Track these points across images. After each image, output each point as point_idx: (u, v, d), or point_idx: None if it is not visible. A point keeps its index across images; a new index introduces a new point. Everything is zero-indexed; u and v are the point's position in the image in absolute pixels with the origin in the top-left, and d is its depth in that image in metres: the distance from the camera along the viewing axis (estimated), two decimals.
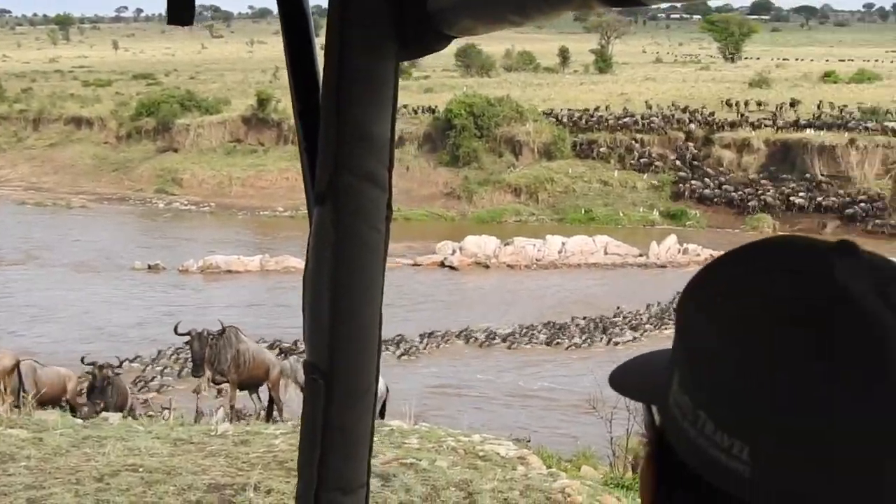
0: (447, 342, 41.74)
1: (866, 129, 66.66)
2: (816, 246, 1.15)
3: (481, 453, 13.99)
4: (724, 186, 67.38)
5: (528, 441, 20.38)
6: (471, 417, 25.49)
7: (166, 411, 22.87)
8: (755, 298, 1.11)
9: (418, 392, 29.56)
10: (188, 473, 11.81)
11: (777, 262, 1.15)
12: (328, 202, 1.84)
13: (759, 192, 66.06)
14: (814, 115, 70.97)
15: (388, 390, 22.47)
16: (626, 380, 1.27)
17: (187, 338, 24.74)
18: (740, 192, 66.57)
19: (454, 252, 56.41)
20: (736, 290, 1.14)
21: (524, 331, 42.82)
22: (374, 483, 12.43)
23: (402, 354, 39.22)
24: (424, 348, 40.63)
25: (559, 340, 41.78)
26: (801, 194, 64.84)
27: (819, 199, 64.34)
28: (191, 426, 16.83)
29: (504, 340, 41.97)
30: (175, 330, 25.05)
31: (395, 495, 11.66)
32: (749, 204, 65.52)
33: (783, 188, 65.68)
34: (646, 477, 1.22)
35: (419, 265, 55.48)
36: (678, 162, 69.93)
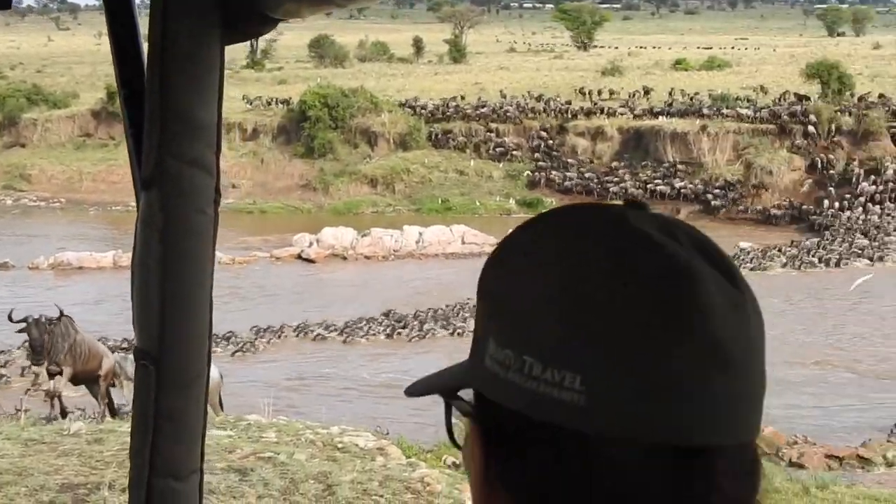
0: (281, 337, 41.47)
1: (719, 114, 67.99)
2: (609, 204, 1.25)
3: (340, 445, 14.00)
4: (580, 174, 68.19)
5: (387, 433, 20.42)
6: (324, 410, 25.42)
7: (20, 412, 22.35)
8: (565, 248, 1.21)
9: (266, 387, 29.42)
10: (40, 474, 11.61)
11: (578, 218, 1.26)
12: (154, 187, 1.82)
13: (613, 179, 67.00)
14: (666, 103, 72.15)
15: (221, 377, 22.25)
16: (421, 384, 1.34)
17: (23, 325, 23.79)
18: (595, 180, 67.47)
19: (311, 244, 56.22)
20: (543, 246, 1.23)
21: (364, 323, 42.61)
22: (232, 478, 12.40)
23: (237, 351, 38.84)
24: (259, 343, 40.34)
25: (400, 332, 41.85)
26: (656, 181, 65.94)
27: (673, 185, 65.49)
28: (43, 426, 16.53)
29: (341, 333, 41.79)
30: (9, 317, 23.90)
31: (252, 489, 11.60)
32: (605, 191, 66.41)
33: (639, 174, 66.74)
34: (472, 453, 1.25)
35: (277, 258, 55.20)
36: (533, 151, 70.58)
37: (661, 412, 1.13)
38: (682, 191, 65.09)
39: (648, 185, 65.61)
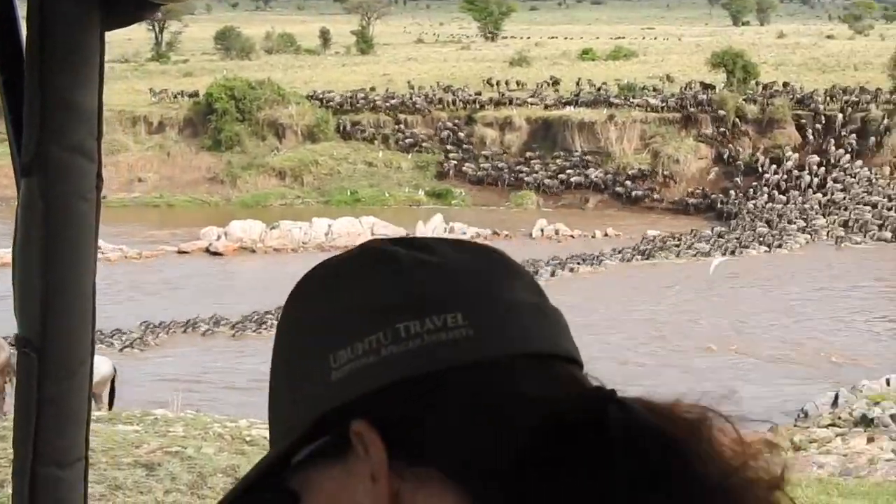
0: (169, 333, 41.10)
1: (626, 104, 68.55)
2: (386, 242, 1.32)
3: (248, 438, 13.95)
4: (489, 164, 68.41)
5: None
6: (226, 405, 25.26)
7: None
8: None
9: (161, 382, 29.18)
10: None
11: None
12: (35, 174, 1.81)
13: (523, 169, 67.30)
14: (573, 93, 72.56)
15: (115, 370, 21.97)
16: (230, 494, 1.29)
17: None
18: (505, 170, 67.72)
19: (219, 238, 55.87)
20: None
21: (258, 317, 42.22)
22: (139, 473, 12.30)
23: (125, 347, 38.48)
24: (148, 339, 40.05)
25: None
26: (564, 171, 66.35)
27: (585, 175, 65.94)
28: None
29: (233, 328, 41.54)
30: None
31: (160, 484, 11.51)
32: (514, 181, 66.72)
33: (548, 164, 67.09)
34: (353, 487, 1.18)
35: (185, 252, 54.76)
36: (442, 142, 70.67)
37: (531, 324, 1.21)
38: (591, 180, 65.53)
39: (560, 175, 66.02)
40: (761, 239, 54.29)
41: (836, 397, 27.92)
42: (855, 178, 60.65)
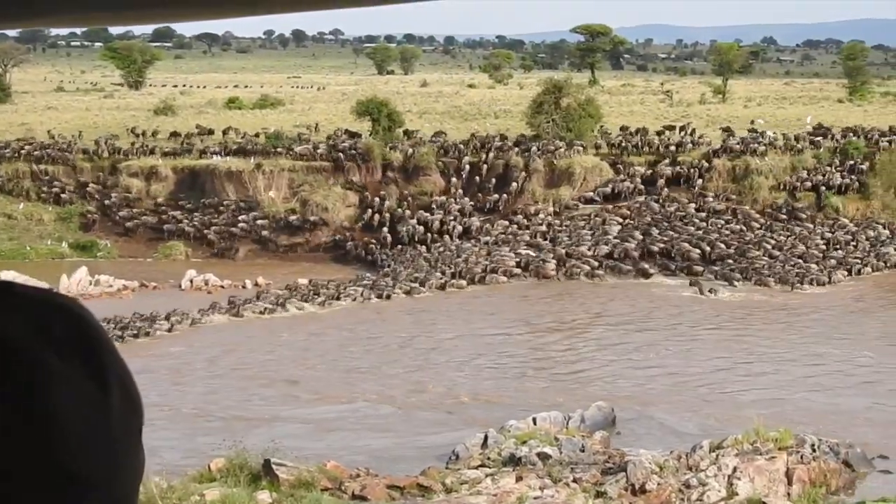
0: None
1: (274, 152, 68.64)
2: None
3: None
4: (135, 215, 67.13)
5: None
6: None
7: None
8: None
9: None
10: None
11: None
12: None
13: (173, 219, 66.40)
14: (220, 143, 72.13)
15: None
16: None
17: None
18: (152, 220, 66.66)
19: None
20: None
21: None
22: None
23: None
24: None
25: None
26: (213, 221, 65.84)
27: (230, 224, 65.57)
28: None
29: None
30: None
31: None
32: (162, 231, 65.74)
33: (196, 214, 66.37)
34: None
35: None
36: (86, 193, 68.89)
37: None
38: (241, 229, 65.25)
39: (209, 225, 65.48)
40: (413, 281, 54.76)
41: (486, 438, 28.54)
42: (490, 227, 62.45)
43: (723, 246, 58.61)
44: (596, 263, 57.48)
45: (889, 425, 32.27)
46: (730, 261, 57.37)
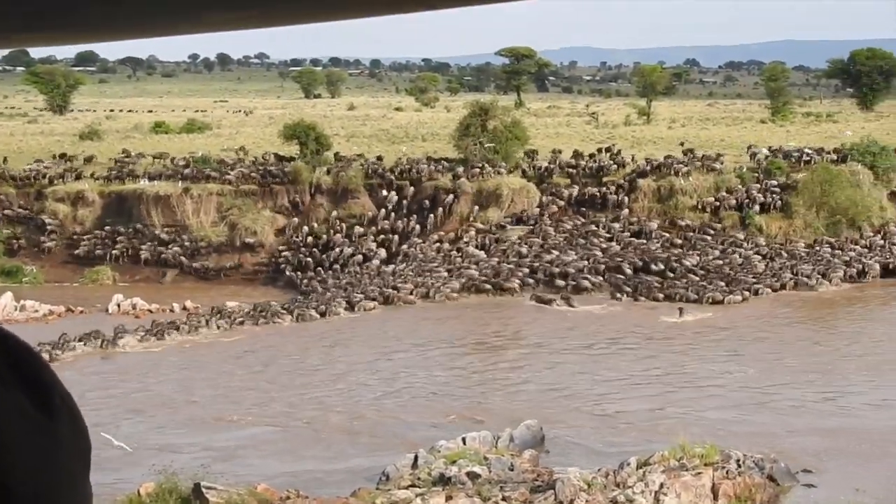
0: None
1: (202, 176, 68.38)
2: None
3: None
4: (61, 240, 66.66)
5: None
6: None
7: None
8: None
9: None
10: None
11: None
12: None
13: (98, 244, 66.00)
14: (147, 167, 71.65)
15: None
16: None
17: None
18: (79, 245, 66.24)
19: None
20: None
21: None
22: None
23: None
24: None
25: None
26: (141, 245, 65.51)
27: (158, 248, 65.27)
28: None
29: None
30: None
31: None
32: (89, 256, 65.30)
33: (122, 239, 66.00)
34: None
35: None
36: (10, 218, 68.28)
37: None
38: (168, 254, 64.99)
39: (136, 249, 65.19)
40: (319, 308, 54.10)
41: (416, 458, 28.66)
42: (418, 249, 62.61)
43: (641, 264, 59.11)
44: (517, 283, 57.75)
45: (811, 434, 32.79)
46: (649, 278, 57.84)
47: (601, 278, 58.41)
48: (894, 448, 31.40)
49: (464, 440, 30.28)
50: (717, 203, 64.65)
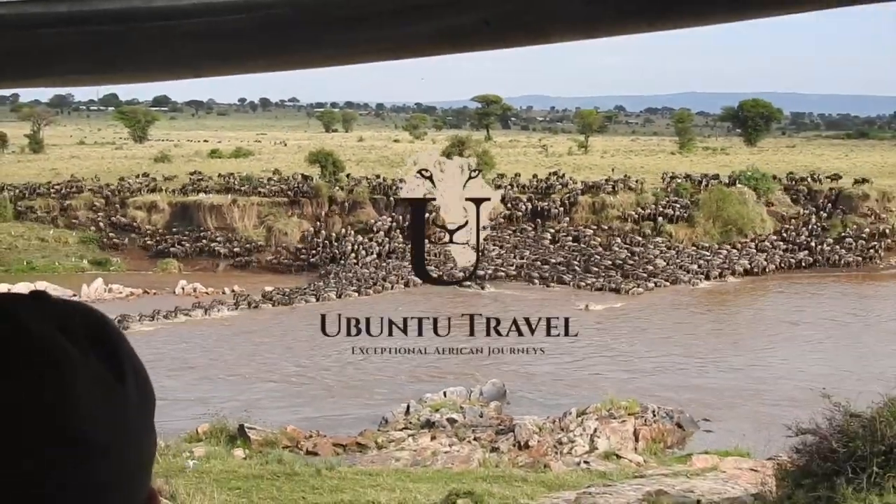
0: None
1: (249, 191, 68.24)
2: (6, 297, 1.05)
3: None
4: (140, 238, 66.59)
5: None
6: None
7: None
8: None
9: None
10: None
11: None
12: None
13: (168, 242, 65.80)
14: (204, 182, 71.49)
15: None
16: None
17: None
18: (153, 243, 66.10)
19: None
20: None
21: None
22: None
23: None
24: None
25: None
26: (199, 243, 65.34)
27: (212, 245, 65.08)
28: None
29: None
30: None
31: None
32: (161, 251, 65.13)
33: (185, 238, 65.83)
34: None
35: None
36: (102, 222, 68.12)
37: None
38: (220, 250, 64.84)
39: (196, 246, 64.97)
40: (336, 291, 53.98)
41: (408, 407, 28.54)
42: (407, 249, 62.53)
43: (582, 260, 59.08)
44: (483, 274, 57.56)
45: (703, 392, 32.66)
46: (587, 273, 57.73)
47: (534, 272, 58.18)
48: (757, 405, 31.15)
49: (444, 394, 30.18)
50: (637, 215, 64.58)
